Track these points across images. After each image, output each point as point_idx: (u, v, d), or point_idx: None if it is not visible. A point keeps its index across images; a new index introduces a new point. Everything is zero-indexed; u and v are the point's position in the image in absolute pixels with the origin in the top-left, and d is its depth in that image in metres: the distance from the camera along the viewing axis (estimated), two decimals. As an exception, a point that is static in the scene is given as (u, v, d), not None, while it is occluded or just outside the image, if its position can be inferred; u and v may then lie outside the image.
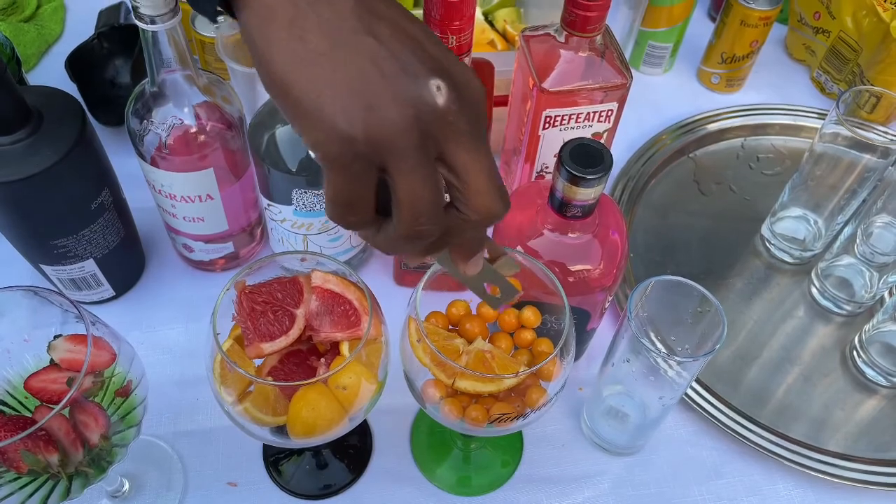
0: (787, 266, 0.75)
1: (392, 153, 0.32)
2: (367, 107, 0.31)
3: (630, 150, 0.81)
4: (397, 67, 0.32)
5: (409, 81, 0.32)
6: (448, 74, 0.32)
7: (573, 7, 0.52)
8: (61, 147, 0.53)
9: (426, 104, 0.32)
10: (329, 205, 0.34)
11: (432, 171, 0.33)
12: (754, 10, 0.79)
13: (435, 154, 0.33)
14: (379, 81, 0.31)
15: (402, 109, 0.31)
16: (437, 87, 0.32)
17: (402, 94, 0.31)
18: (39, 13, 0.88)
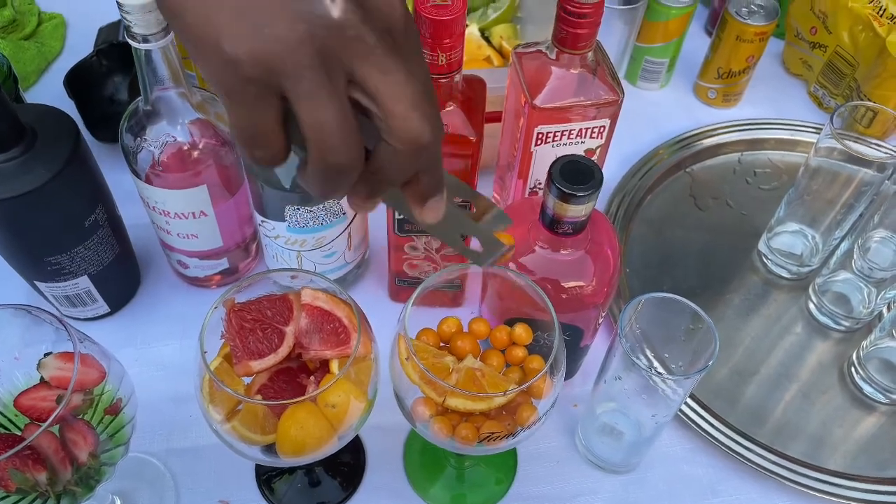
0: (785, 281, 0.75)
1: (285, 75, 0.29)
2: (253, 27, 0.29)
3: (626, 164, 0.81)
4: None
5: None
6: None
7: (563, 24, 0.53)
8: (55, 165, 0.54)
9: (318, 17, 0.29)
10: (236, 140, 0.31)
11: (336, 93, 0.30)
12: (750, 26, 0.79)
13: (343, 76, 0.30)
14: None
15: (291, 24, 0.28)
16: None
17: (290, 8, 0.29)
18: (40, 31, 0.88)
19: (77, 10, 0.93)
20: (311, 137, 0.30)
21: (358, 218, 0.63)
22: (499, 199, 0.71)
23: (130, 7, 0.48)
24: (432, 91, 0.32)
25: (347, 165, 0.31)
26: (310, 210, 0.58)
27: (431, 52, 0.49)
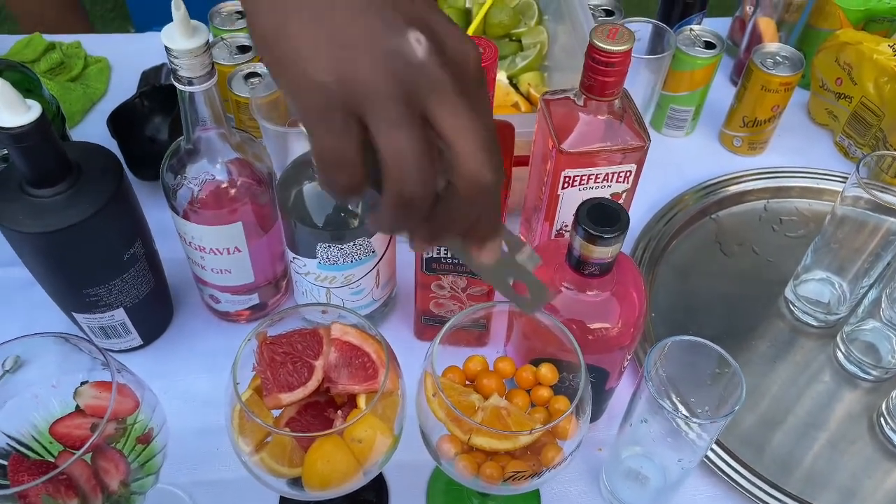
0: (812, 329, 0.74)
1: (370, 105, 0.31)
2: (343, 58, 0.30)
3: (652, 210, 0.81)
4: (377, 17, 0.31)
5: (386, 31, 0.31)
6: (431, 29, 0.32)
7: (591, 73, 0.54)
8: (98, 200, 0.56)
9: (404, 55, 0.31)
10: (317, 166, 0.33)
11: (415, 127, 0.31)
12: (775, 76, 0.80)
13: (419, 113, 0.31)
14: (355, 32, 0.31)
15: (378, 59, 0.30)
16: (417, 39, 0.31)
17: (379, 45, 0.31)
18: (86, 73, 0.92)
19: (121, 55, 0.97)
20: (389, 165, 0.31)
21: (386, 256, 0.64)
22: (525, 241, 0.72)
23: (178, 52, 0.51)
24: (495, 136, 0.33)
25: (421, 195, 0.32)
26: (340, 247, 0.60)
27: (463, 97, 0.51)
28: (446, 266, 0.62)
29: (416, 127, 0.31)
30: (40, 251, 0.57)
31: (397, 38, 0.31)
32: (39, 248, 0.56)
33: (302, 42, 0.31)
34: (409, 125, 0.31)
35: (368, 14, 0.31)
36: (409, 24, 0.31)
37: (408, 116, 0.31)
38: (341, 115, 0.31)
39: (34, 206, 0.55)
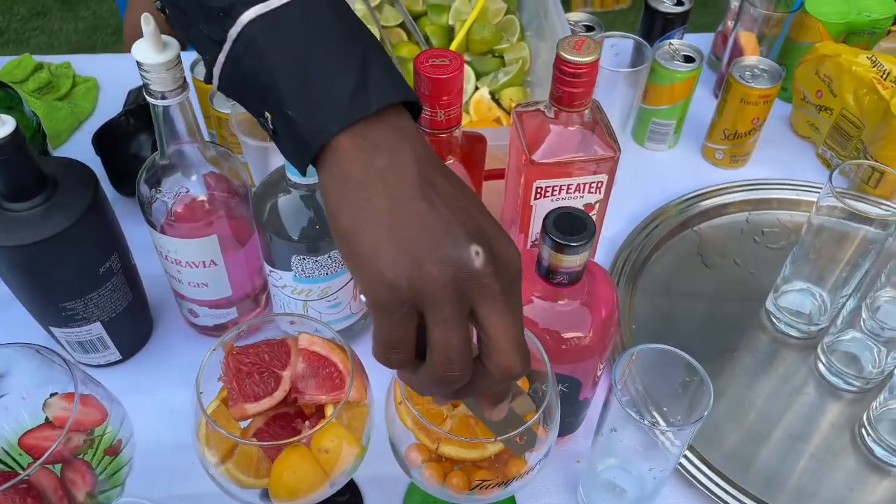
0: (794, 340, 0.74)
1: (431, 303, 0.36)
2: (413, 262, 0.36)
3: (633, 222, 0.81)
4: (444, 231, 0.37)
5: (453, 244, 0.36)
6: (488, 242, 0.37)
7: (560, 84, 0.55)
8: (73, 213, 0.56)
9: (464, 265, 0.36)
10: (376, 345, 0.38)
11: (464, 324, 0.37)
12: (753, 89, 0.81)
13: (468, 310, 0.37)
14: (426, 241, 0.37)
15: (443, 267, 0.36)
16: (476, 252, 0.37)
17: (444, 255, 0.36)
18: (74, 92, 0.93)
19: (110, 74, 0.98)
20: (437, 352, 0.37)
21: (363, 269, 0.64)
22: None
23: (149, 66, 0.52)
24: (523, 330, 0.39)
25: (459, 379, 0.38)
26: (315, 259, 0.60)
27: (431, 108, 0.51)
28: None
29: (464, 323, 0.37)
30: (16, 264, 0.57)
31: (460, 251, 0.36)
32: (15, 261, 0.57)
33: (379, 246, 0.37)
34: (458, 324, 0.37)
35: (438, 227, 0.37)
36: (471, 238, 0.37)
37: (458, 314, 0.37)
38: (406, 309, 0.37)
39: (10, 219, 0.56)
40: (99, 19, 2.63)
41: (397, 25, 0.92)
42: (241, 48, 0.41)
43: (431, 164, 0.39)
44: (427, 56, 0.50)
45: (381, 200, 0.38)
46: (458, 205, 0.38)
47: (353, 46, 0.40)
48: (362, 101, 0.39)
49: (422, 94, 0.51)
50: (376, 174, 0.38)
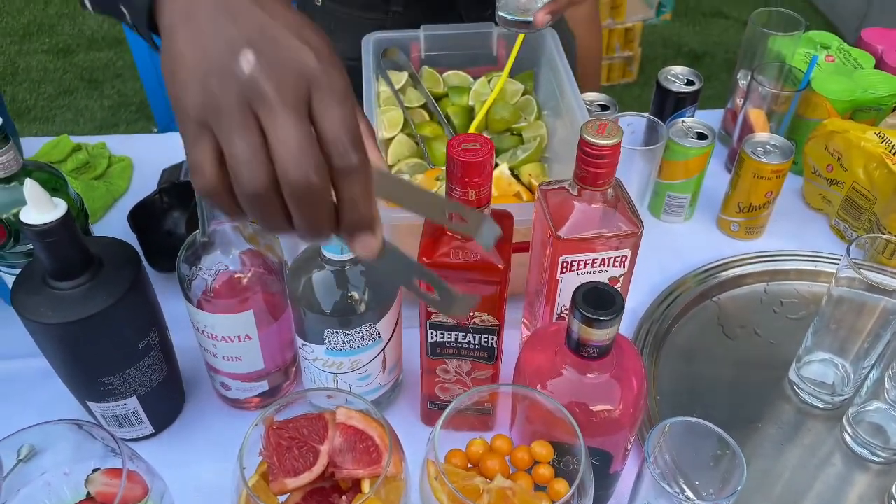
0: (819, 411, 0.74)
1: (213, 116, 0.38)
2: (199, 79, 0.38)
3: (653, 293, 0.83)
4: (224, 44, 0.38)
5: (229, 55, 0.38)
6: (262, 50, 0.38)
7: (584, 165, 0.57)
8: (116, 291, 0.58)
9: (235, 74, 0.37)
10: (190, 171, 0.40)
11: (248, 128, 0.37)
12: (766, 164, 0.84)
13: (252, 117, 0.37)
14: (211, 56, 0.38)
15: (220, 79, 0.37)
16: (247, 60, 0.38)
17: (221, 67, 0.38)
18: (109, 172, 0.97)
19: (143, 154, 1.02)
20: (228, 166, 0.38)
21: (392, 341, 0.66)
22: (528, 324, 0.74)
23: (196, 152, 0.54)
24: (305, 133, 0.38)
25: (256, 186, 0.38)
26: (347, 333, 0.61)
27: (462, 189, 0.54)
28: (451, 350, 0.63)
29: (247, 132, 0.37)
30: (60, 341, 0.59)
31: (232, 59, 0.38)
32: (59, 338, 0.58)
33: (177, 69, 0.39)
34: (240, 133, 0.37)
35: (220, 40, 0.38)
36: (247, 45, 0.38)
37: (241, 124, 0.37)
38: (195, 126, 0.38)
39: (55, 297, 0.58)
40: (123, 97, 2.73)
41: (420, 106, 0.96)
42: None
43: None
44: (459, 140, 0.53)
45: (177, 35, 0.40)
46: (250, 19, 0.39)
47: None
48: None
49: (454, 176, 0.54)
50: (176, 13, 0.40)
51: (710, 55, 3.00)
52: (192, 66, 0.38)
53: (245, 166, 0.37)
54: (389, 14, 1.07)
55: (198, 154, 0.38)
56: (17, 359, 0.75)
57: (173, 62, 0.40)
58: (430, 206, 0.44)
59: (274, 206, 0.38)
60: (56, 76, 2.83)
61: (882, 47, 1.01)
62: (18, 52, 2.94)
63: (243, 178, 0.37)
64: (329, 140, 0.38)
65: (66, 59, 2.91)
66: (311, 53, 0.39)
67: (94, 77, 2.82)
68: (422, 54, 0.98)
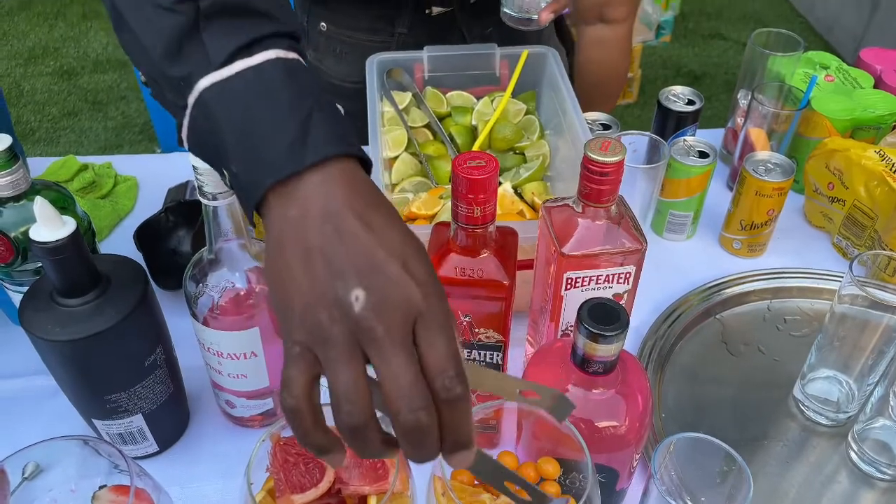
0: (824, 429, 0.74)
1: (319, 345, 0.39)
2: (305, 306, 0.39)
3: (657, 311, 0.83)
4: (333, 276, 0.40)
5: (341, 288, 0.39)
6: (371, 286, 0.39)
7: (587, 182, 0.58)
8: (124, 308, 0.59)
9: (346, 310, 0.39)
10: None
11: (353, 365, 0.39)
12: (767, 182, 0.84)
13: (358, 351, 0.39)
14: (319, 287, 0.40)
15: (330, 311, 0.39)
16: (356, 297, 0.39)
17: (332, 299, 0.39)
18: (115, 191, 0.98)
19: (149, 173, 1.03)
20: (331, 394, 0.39)
21: (398, 360, 0.66)
22: (532, 341, 0.74)
23: (204, 170, 0.55)
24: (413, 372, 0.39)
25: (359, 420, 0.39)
26: (353, 351, 0.62)
27: (468, 205, 0.55)
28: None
29: (353, 365, 0.39)
30: (67, 358, 0.59)
31: (343, 294, 0.39)
32: (67, 355, 0.59)
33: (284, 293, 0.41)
34: (345, 365, 0.38)
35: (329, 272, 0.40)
36: (357, 279, 0.39)
37: (346, 357, 0.38)
38: (299, 349, 0.40)
39: (63, 314, 0.58)
40: (127, 119, 2.75)
41: (424, 126, 0.97)
42: (198, 112, 0.45)
43: (346, 208, 0.41)
44: (465, 158, 0.54)
45: (287, 250, 0.41)
46: (358, 248, 0.40)
47: (298, 104, 0.44)
48: (298, 156, 0.42)
49: (460, 193, 0.54)
50: (288, 225, 0.42)
51: (710, 76, 3.03)
52: (304, 291, 0.40)
53: (348, 399, 0.38)
54: (395, 36, 1.09)
55: (295, 372, 0.40)
56: (22, 377, 0.76)
57: (282, 276, 0.41)
58: (504, 387, 0.46)
59: (373, 437, 0.40)
60: (61, 98, 2.85)
61: (881, 67, 1.02)
62: (24, 74, 2.97)
63: (345, 410, 0.38)
64: (435, 371, 0.39)
65: (71, 81, 2.94)
66: (416, 287, 0.40)
67: (98, 99, 2.84)
68: (425, 75, 1.00)
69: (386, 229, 0.42)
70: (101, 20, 3.27)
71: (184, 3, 0.45)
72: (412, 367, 0.39)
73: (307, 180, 0.42)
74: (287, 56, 0.46)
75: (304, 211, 0.42)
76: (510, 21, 0.89)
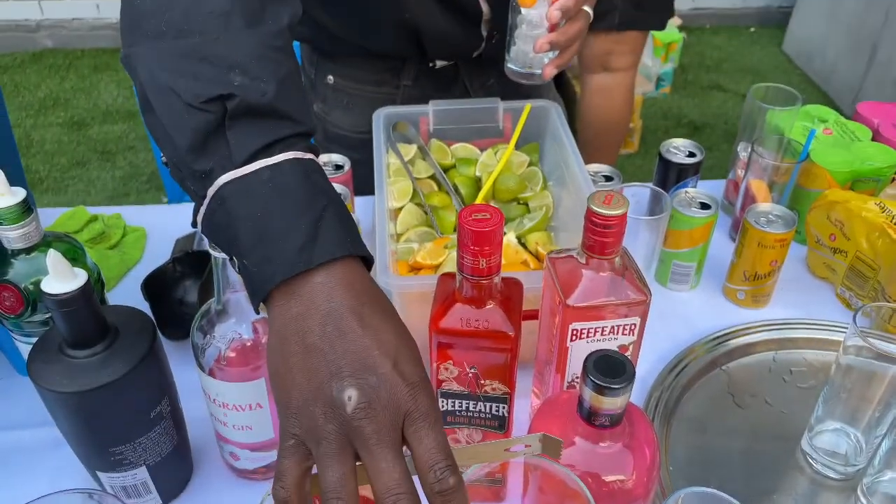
0: (833, 482, 0.73)
1: (312, 440, 0.42)
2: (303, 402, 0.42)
3: (662, 361, 0.83)
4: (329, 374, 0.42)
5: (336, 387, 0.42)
6: (363, 386, 0.42)
7: (591, 234, 0.59)
8: (131, 360, 0.59)
9: (338, 409, 0.42)
10: None
11: (343, 460, 0.41)
12: (769, 234, 0.85)
13: (350, 448, 0.42)
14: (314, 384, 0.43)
15: (324, 409, 0.42)
16: (349, 397, 0.42)
17: (326, 397, 0.42)
18: (123, 241, 0.99)
19: (157, 224, 1.04)
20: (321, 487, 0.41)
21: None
22: (538, 393, 0.74)
23: (214, 222, 0.56)
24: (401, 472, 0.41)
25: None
26: (359, 403, 0.61)
27: (473, 257, 0.55)
28: (462, 419, 0.63)
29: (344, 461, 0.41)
30: (74, 410, 0.59)
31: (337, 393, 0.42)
32: (73, 406, 0.59)
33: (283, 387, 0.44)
34: (336, 460, 0.41)
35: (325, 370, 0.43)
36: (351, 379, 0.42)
37: (337, 453, 0.41)
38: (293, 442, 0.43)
39: (71, 366, 0.58)
40: (135, 168, 2.79)
41: (429, 177, 0.98)
42: (216, 204, 0.48)
43: (346, 308, 0.44)
44: (470, 210, 0.55)
45: (289, 346, 0.44)
46: (354, 347, 0.43)
47: (311, 205, 0.47)
48: (307, 257, 0.45)
49: (465, 245, 0.55)
50: (291, 321, 0.44)
51: (710, 126, 3.07)
52: (302, 387, 0.43)
53: (336, 494, 0.41)
54: (400, 88, 1.12)
55: (289, 464, 0.43)
56: (26, 428, 0.75)
57: (282, 371, 0.44)
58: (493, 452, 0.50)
59: None
60: (70, 148, 2.90)
61: (878, 120, 1.04)
62: (34, 125, 3.03)
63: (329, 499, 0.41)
64: (426, 465, 0.42)
65: (81, 131, 2.99)
66: (405, 387, 0.43)
67: (107, 149, 2.89)
68: (430, 128, 1.02)
69: (381, 329, 0.45)
70: (111, 72, 3.34)
71: (212, 102, 0.48)
72: (399, 465, 0.41)
73: (312, 280, 0.45)
74: (303, 157, 0.49)
75: (307, 309, 0.44)
76: (514, 76, 0.91)
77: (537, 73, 0.91)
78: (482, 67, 1.13)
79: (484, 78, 1.15)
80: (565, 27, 0.86)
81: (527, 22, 0.88)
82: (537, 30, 0.87)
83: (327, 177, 0.52)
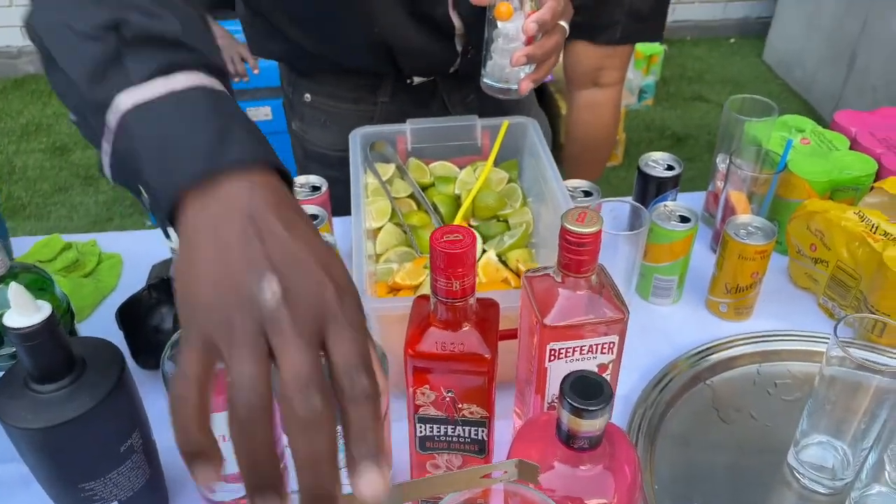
0: (821, 497, 0.72)
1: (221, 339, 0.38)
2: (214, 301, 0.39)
3: (645, 378, 0.82)
4: (245, 269, 0.39)
5: (251, 282, 0.38)
6: (287, 278, 0.39)
7: (566, 252, 0.58)
8: (97, 394, 0.58)
9: (253, 302, 0.38)
10: None
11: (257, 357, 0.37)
12: (749, 245, 0.85)
13: (264, 344, 0.38)
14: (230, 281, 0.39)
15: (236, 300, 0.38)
16: (270, 289, 0.38)
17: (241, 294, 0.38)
18: (98, 269, 0.98)
19: (133, 249, 1.03)
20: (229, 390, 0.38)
21: (381, 437, 0.64)
22: (520, 413, 0.72)
23: (181, 250, 0.55)
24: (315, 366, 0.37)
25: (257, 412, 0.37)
26: (334, 430, 0.60)
27: (447, 279, 0.54)
28: (440, 444, 0.62)
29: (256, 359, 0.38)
30: (41, 446, 0.57)
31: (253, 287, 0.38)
32: (38, 443, 0.57)
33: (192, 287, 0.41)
34: (248, 358, 0.37)
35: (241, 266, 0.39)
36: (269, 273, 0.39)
37: (250, 350, 0.38)
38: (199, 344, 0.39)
39: (36, 401, 0.57)
40: (117, 192, 2.77)
41: (408, 196, 0.98)
42: (120, 134, 0.45)
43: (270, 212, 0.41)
44: (442, 232, 0.54)
45: (205, 241, 0.40)
46: (279, 245, 0.40)
47: (216, 117, 0.44)
48: (216, 157, 0.42)
49: (438, 267, 0.54)
50: (208, 219, 0.41)
51: (693, 137, 3.09)
52: (215, 281, 0.39)
53: (247, 387, 0.37)
54: (377, 105, 1.11)
55: (192, 361, 0.39)
56: (-4, 464, 0.73)
57: (191, 270, 0.40)
58: (468, 479, 0.48)
59: (263, 433, 0.38)
60: (52, 174, 2.88)
61: (855, 129, 1.04)
62: (16, 151, 3.01)
63: (243, 399, 0.37)
64: (341, 369, 0.38)
65: (63, 157, 2.97)
66: (332, 287, 0.40)
67: (89, 174, 2.87)
68: (408, 146, 1.01)
69: (309, 235, 0.42)
70: (94, 97, 3.33)
71: (109, 30, 0.46)
72: (311, 357, 0.37)
73: (231, 182, 0.42)
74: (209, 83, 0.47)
75: (227, 209, 0.41)
76: (490, 91, 0.91)
77: (514, 87, 0.90)
78: (460, 83, 1.13)
79: (463, 93, 1.15)
80: (542, 41, 0.86)
81: (503, 35, 0.87)
82: (513, 43, 0.87)
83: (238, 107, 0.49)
